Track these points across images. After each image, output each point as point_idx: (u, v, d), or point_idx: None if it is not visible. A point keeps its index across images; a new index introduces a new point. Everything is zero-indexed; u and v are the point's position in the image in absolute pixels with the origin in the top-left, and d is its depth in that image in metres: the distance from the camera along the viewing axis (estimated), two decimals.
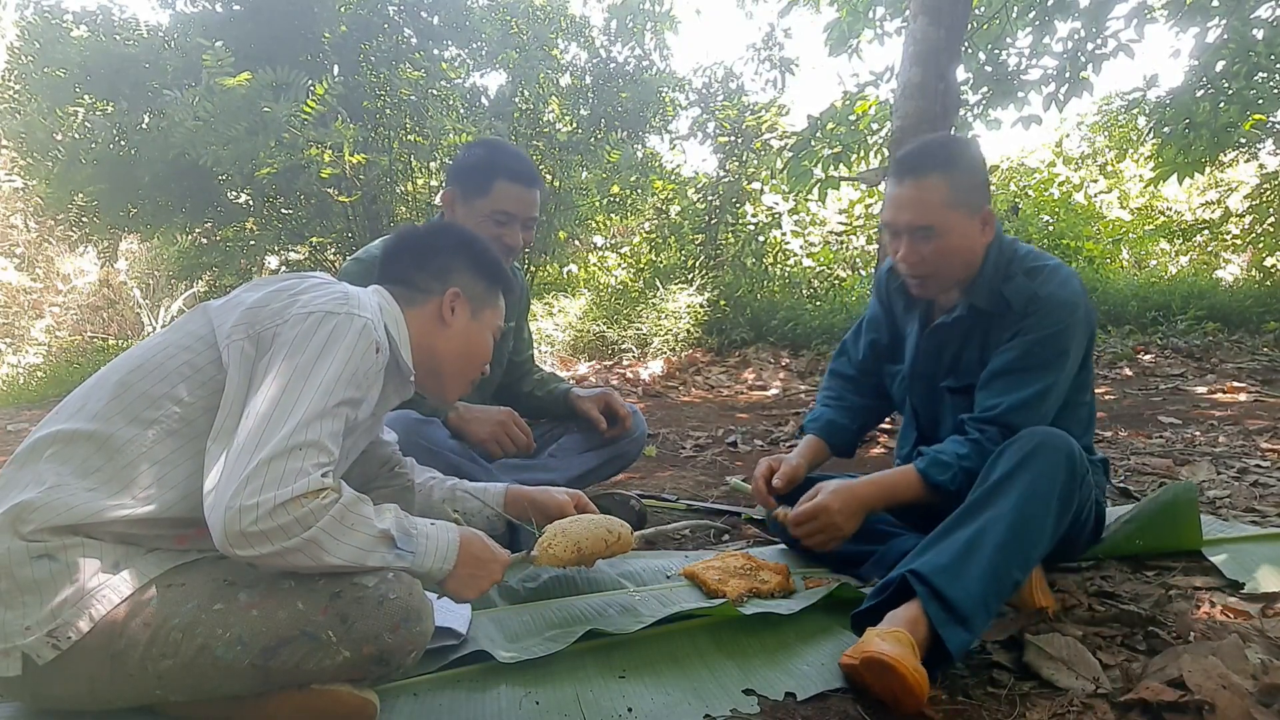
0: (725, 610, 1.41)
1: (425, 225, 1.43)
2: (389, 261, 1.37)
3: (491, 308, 1.38)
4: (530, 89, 6.70)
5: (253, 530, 0.94)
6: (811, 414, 1.90)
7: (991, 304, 1.57)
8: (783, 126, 7.73)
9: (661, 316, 6.81)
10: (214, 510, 0.96)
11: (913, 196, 1.52)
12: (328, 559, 0.99)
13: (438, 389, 1.37)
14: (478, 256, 1.37)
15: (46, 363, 10.04)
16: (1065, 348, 1.51)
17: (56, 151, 6.38)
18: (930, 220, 1.51)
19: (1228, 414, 3.67)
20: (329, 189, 5.97)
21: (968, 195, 1.52)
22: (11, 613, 0.98)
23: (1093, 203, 10.11)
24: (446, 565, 1.12)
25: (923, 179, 1.51)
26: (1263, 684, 1.15)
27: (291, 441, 0.98)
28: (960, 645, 1.20)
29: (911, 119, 3.95)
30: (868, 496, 1.53)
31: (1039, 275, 1.55)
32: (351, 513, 1.01)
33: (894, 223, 1.56)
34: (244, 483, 0.94)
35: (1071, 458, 1.38)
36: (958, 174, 1.51)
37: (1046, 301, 1.51)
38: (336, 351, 1.06)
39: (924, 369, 1.71)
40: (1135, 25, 5.58)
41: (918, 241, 1.53)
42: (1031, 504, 1.33)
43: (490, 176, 1.88)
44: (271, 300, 1.12)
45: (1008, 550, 1.28)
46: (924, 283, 1.60)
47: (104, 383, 1.11)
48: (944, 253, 1.53)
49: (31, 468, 1.04)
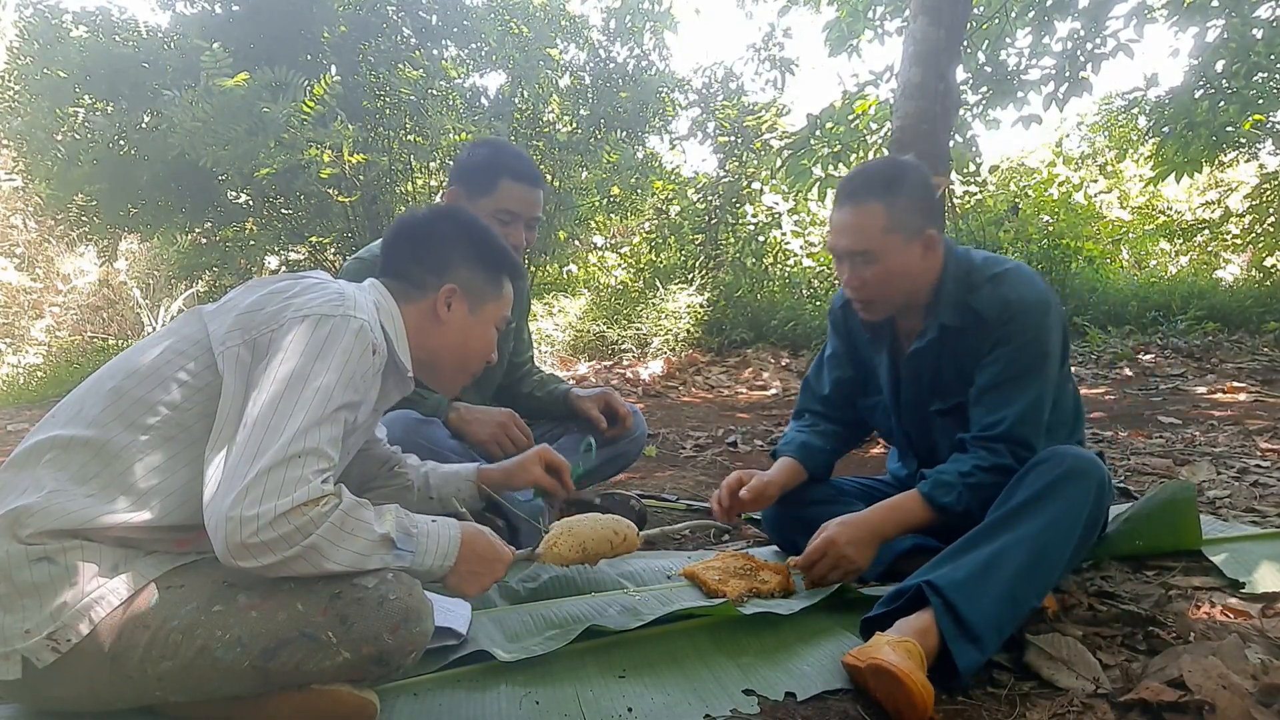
0: (725, 610, 1.41)
1: (426, 212, 1.37)
2: (387, 252, 1.34)
3: (494, 300, 1.34)
4: (530, 89, 6.69)
5: (254, 541, 0.94)
6: (784, 438, 1.87)
7: (961, 319, 1.56)
8: (782, 126, 7.73)
9: (661, 316, 6.81)
10: (214, 520, 0.96)
11: (851, 222, 1.52)
12: (327, 565, 0.99)
13: (436, 383, 1.37)
14: (479, 246, 1.33)
15: (46, 363, 10.04)
16: (1047, 349, 1.51)
17: (56, 151, 6.38)
18: (867, 245, 1.51)
19: (1228, 414, 3.67)
20: (329, 189, 5.97)
21: (907, 220, 1.51)
22: (11, 616, 0.98)
23: (1093, 203, 10.11)
24: (447, 562, 1.12)
25: (861, 205, 1.51)
26: (1263, 684, 1.15)
27: (291, 450, 0.97)
28: (970, 664, 1.19)
29: (911, 119, 3.95)
30: (878, 525, 1.51)
31: (1004, 281, 1.54)
32: (351, 518, 1.01)
33: (835, 247, 1.57)
34: (244, 492, 0.94)
35: (1101, 486, 1.39)
36: (897, 199, 1.51)
37: (1018, 305, 1.51)
38: (333, 356, 1.06)
39: (909, 398, 1.70)
40: (1135, 25, 5.58)
41: (858, 266, 1.54)
42: (1056, 530, 1.32)
43: (495, 176, 1.89)
44: (266, 303, 1.10)
45: (1027, 575, 1.28)
46: (868, 306, 1.60)
47: (99, 388, 1.10)
48: (884, 277, 1.53)
49: (29, 472, 1.04)
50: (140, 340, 1.18)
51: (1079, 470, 1.37)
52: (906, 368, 1.67)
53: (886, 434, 1.84)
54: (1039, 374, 1.50)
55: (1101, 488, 1.39)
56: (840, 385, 1.84)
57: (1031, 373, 1.50)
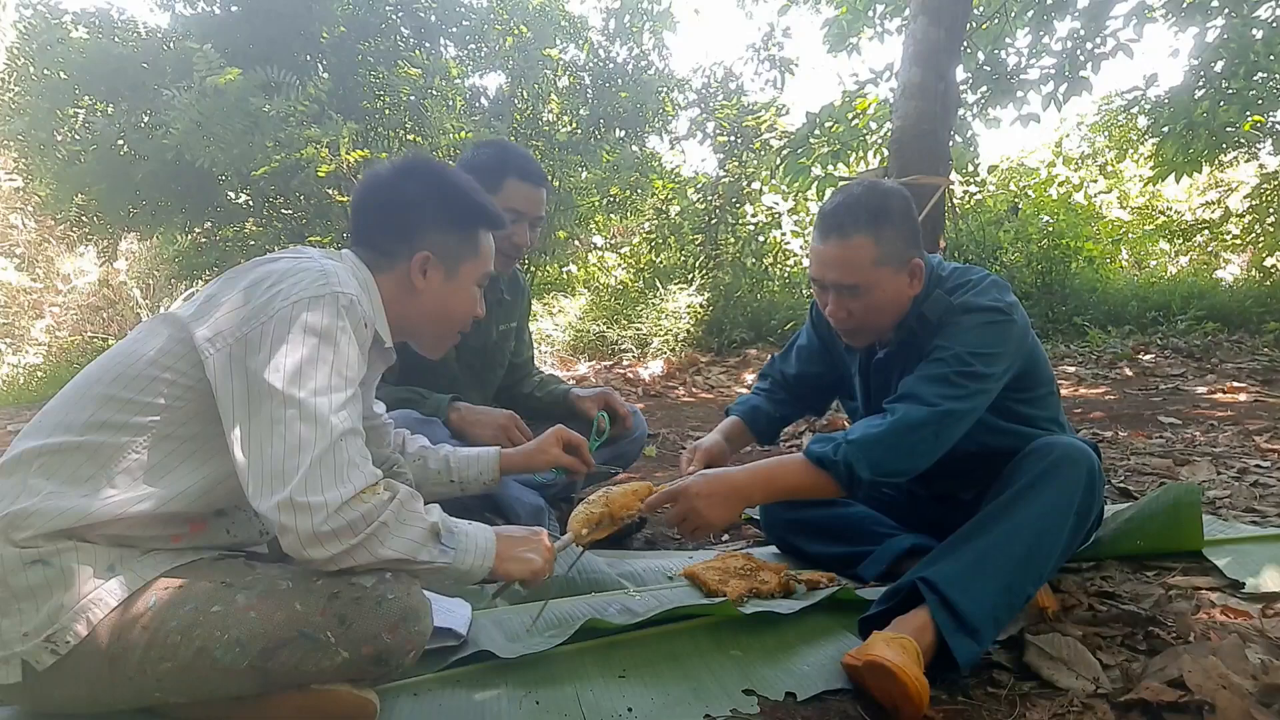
0: (725, 610, 1.41)
1: (389, 171, 1.26)
2: (355, 219, 1.27)
3: (471, 259, 1.28)
4: (529, 89, 6.69)
5: (325, 530, 0.95)
6: (739, 400, 1.92)
7: (919, 324, 1.53)
8: (782, 126, 7.73)
9: (661, 316, 6.81)
10: (279, 514, 0.95)
11: (838, 256, 1.46)
12: (383, 552, 1.01)
13: (420, 349, 1.35)
14: (450, 204, 1.25)
15: (46, 363, 10.02)
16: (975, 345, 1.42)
17: (56, 152, 6.37)
18: (857, 280, 1.46)
19: (1228, 414, 3.67)
20: (328, 189, 5.97)
21: (895, 251, 1.47)
22: (8, 620, 0.97)
23: (1092, 203, 10.10)
24: (487, 562, 1.13)
25: (848, 239, 1.45)
26: (1263, 684, 1.15)
27: (334, 435, 0.98)
28: (968, 656, 1.20)
29: (911, 119, 3.96)
30: (742, 483, 1.42)
31: (960, 289, 1.50)
32: (407, 509, 1.04)
33: (820, 279, 1.51)
34: (303, 483, 0.95)
35: (1092, 473, 1.38)
36: (885, 230, 1.45)
37: (961, 308, 1.46)
38: (336, 335, 1.05)
39: (878, 404, 1.68)
40: (1134, 25, 5.58)
41: (844, 298, 1.50)
42: (1048, 519, 1.32)
43: (501, 175, 1.92)
44: (251, 296, 1.07)
45: (1021, 565, 1.28)
46: (853, 335, 1.58)
47: (85, 395, 1.07)
48: (871, 309, 1.50)
49: (20, 479, 1.02)
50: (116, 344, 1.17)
51: (1069, 458, 1.37)
52: (876, 376, 1.66)
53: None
54: (960, 359, 1.41)
55: (1092, 474, 1.38)
56: (805, 378, 1.86)
57: (955, 358, 1.41)
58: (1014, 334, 1.46)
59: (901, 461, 1.39)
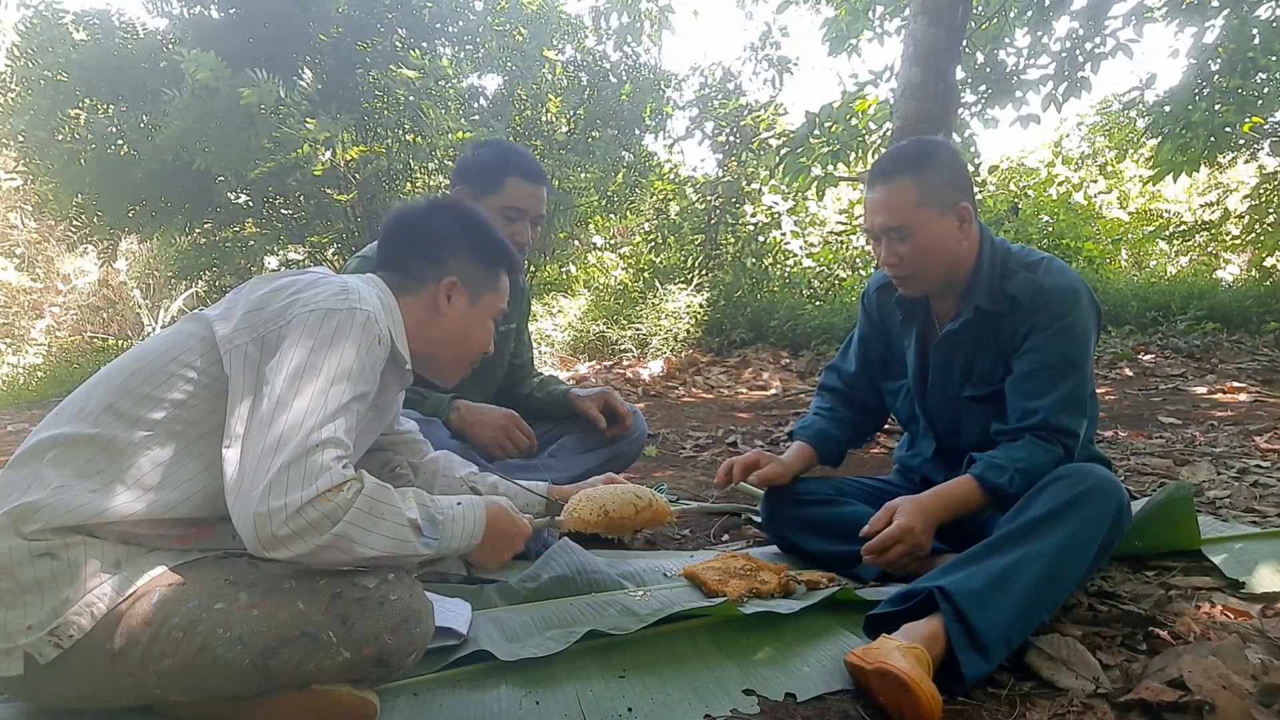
0: (725, 610, 1.41)
1: (424, 204, 1.38)
2: (385, 245, 1.34)
3: (492, 291, 1.36)
4: (527, 89, 6.69)
5: (284, 532, 0.95)
6: (803, 421, 1.94)
7: (996, 303, 1.58)
8: (781, 126, 7.73)
9: (661, 317, 6.81)
10: (242, 517, 0.96)
11: (883, 200, 1.56)
12: (361, 551, 1.00)
13: (435, 375, 1.38)
14: (478, 238, 1.34)
15: (46, 363, 10.02)
16: (1081, 336, 1.54)
17: (57, 152, 6.38)
18: (901, 220, 1.54)
19: (1228, 414, 3.67)
20: (327, 189, 5.96)
21: (938, 193, 1.54)
22: (13, 612, 0.98)
23: (1092, 203, 10.11)
24: (473, 542, 1.14)
25: (891, 182, 1.55)
26: (1263, 684, 1.15)
27: (310, 441, 0.98)
28: (976, 674, 1.19)
29: (911, 119, 3.95)
30: (939, 510, 1.51)
31: (1039, 268, 1.57)
32: (379, 502, 1.01)
33: (871, 227, 1.60)
34: (268, 487, 0.95)
35: (1120, 507, 1.39)
36: (927, 173, 1.54)
37: (1052, 292, 1.53)
38: (344, 348, 1.07)
39: (938, 379, 1.71)
40: (1134, 25, 5.58)
41: (894, 243, 1.57)
42: (1074, 548, 1.32)
43: (502, 173, 1.94)
44: (272, 300, 1.12)
45: (1040, 591, 1.27)
46: (907, 282, 1.63)
47: (104, 386, 1.10)
48: (920, 251, 1.56)
49: (33, 470, 1.04)
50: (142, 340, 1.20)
51: (1101, 490, 1.37)
52: (939, 350, 1.69)
53: (905, 418, 1.86)
54: (1076, 363, 1.52)
55: (1120, 509, 1.39)
56: (868, 367, 1.89)
57: (1069, 362, 1.52)
58: (1095, 314, 1.57)
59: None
